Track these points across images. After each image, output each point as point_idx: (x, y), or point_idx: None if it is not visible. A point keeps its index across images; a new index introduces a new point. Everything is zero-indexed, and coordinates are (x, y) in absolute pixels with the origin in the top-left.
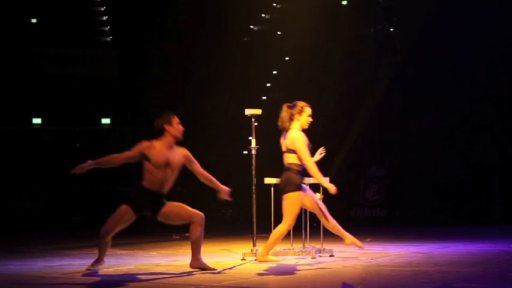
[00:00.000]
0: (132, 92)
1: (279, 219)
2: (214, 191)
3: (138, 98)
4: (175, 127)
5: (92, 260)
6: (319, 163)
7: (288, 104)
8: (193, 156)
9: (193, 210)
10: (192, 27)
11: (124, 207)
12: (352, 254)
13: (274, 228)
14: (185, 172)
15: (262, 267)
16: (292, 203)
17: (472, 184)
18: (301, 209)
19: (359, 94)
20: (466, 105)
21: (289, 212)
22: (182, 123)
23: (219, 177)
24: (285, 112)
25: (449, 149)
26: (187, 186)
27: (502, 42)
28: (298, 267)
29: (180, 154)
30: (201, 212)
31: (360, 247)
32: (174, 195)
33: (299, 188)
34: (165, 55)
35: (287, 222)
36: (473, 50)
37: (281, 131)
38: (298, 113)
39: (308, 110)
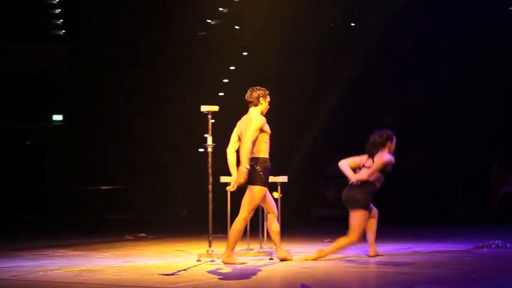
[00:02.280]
0: (86, 87)
1: (234, 219)
2: (170, 190)
3: (91, 94)
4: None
5: (44, 261)
6: (280, 159)
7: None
8: (149, 155)
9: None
10: (146, 22)
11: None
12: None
13: (230, 228)
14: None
15: (218, 268)
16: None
17: (434, 183)
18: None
19: (320, 90)
20: (430, 102)
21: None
22: (136, 119)
23: (174, 176)
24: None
25: (412, 147)
26: (141, 186)
27: (468, 36)
28: (256, 268)
29: None
30: (156, 211)
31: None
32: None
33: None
34: (118, 50)
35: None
36: (440, 44)
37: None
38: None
39: None
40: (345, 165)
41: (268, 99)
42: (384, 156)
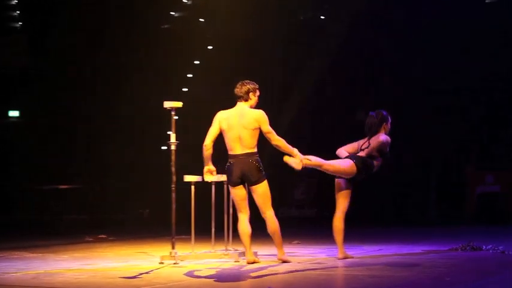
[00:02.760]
0: (44, 82)
1: (199, 220)
2: (132, 191)
3: (49, 89)
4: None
5: (0, 264)
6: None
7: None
8: (110, 153)
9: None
10: (106, 13)
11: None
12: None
13: (194, 230)
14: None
15: (181, 271)
16: None
17: (408, 183)
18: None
19: (289, 85)
20: (402, 98)
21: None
22: (95, 115)
23: (136, 175)
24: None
25: None
26: (102, 185)
27: (442, 30)
28: (220, 272)
29: None
30: (117, 211)
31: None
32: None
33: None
34: (79, 44)
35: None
36: (412, 38)
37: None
38: None
39: None
40: (342, 151)
41: (257, 93)
42: (380, 137)
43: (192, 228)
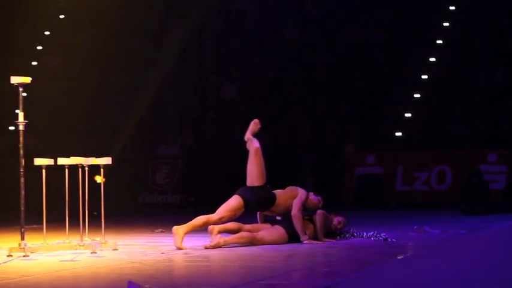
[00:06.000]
0: None
1: (51, 207)
2: None
3: None
4: None
5: None
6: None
7: None
8: None
9: None
10: None
11: None
12: (139, 247)
13: (46, 218)
14: None
15: (32, 264)
16: None
17: (279, 166)
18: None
19: (149, 58)
20: (274, 71)
21: None
22: None
23: None
24: None
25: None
26: None
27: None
28: (75, 264)
29: None
30: None
31: None
32: None
33: None
34: None
35: None
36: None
37: None
38: None
39: None
40: None
41: None
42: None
43: (44, 217)
